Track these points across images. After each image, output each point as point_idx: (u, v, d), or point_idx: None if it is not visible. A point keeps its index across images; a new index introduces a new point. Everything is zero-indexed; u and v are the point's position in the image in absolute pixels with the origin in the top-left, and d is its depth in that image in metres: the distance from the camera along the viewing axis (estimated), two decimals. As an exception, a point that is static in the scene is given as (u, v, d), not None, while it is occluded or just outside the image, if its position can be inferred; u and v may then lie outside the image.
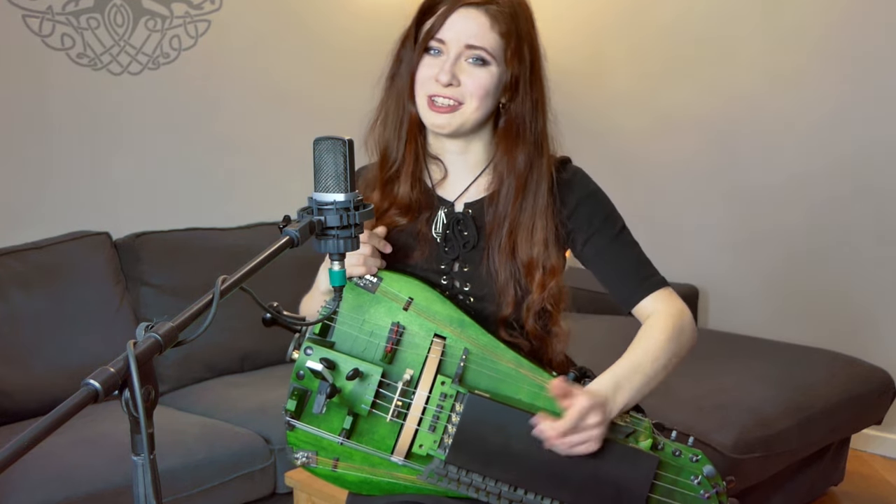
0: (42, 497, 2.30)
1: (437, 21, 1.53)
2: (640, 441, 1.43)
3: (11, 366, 2.79)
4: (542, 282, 1.54)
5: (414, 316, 1.48)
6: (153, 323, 1.04)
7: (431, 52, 1.54)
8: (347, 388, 1.43)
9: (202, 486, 2.54)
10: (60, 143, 3.32)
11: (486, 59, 1.52)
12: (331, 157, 1.28)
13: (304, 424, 1.47)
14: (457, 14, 1.52)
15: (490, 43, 1.52)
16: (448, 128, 1.54)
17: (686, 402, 2.73)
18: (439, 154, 1.63)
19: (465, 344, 1.47)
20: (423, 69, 1.55)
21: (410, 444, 1.45)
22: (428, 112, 1.54)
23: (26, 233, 3.12)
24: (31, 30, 3.22)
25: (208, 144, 3.69)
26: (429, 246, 1.59)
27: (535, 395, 1.47)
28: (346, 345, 1.47)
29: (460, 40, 1.51)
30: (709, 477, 1.45)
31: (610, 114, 4.27)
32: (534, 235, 1.55)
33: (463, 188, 1.62)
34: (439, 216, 1.61)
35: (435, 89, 1.53)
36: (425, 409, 1.44)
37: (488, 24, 1.52)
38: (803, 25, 3.67)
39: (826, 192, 3.67)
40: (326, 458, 1.49)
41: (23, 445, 0.85)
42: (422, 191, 1.61)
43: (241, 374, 3.20)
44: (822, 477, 3.15)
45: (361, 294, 1.48)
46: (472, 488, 1.43)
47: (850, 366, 3.09)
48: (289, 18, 3.87)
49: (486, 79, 1.52)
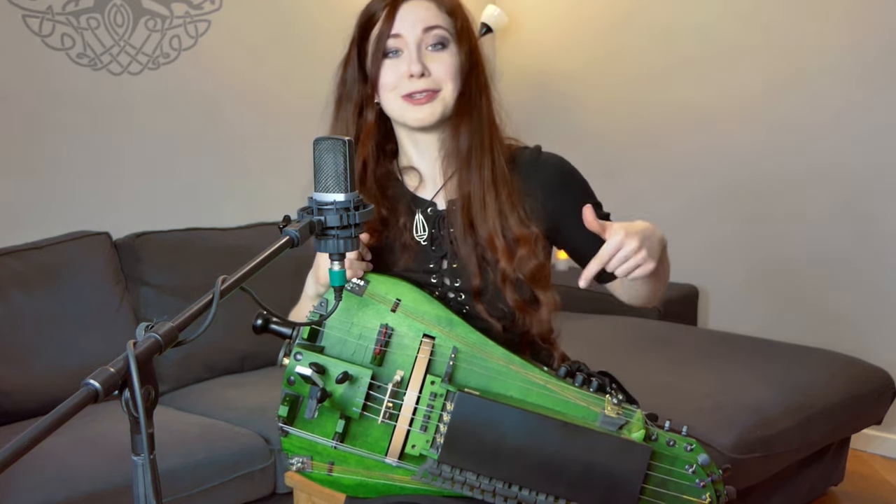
0: (42, 497, 2.30)
1: (385, 22, 1.56)
2: (633, 432, 1.43)
3: (11, 366, 2.79)
4: (506, 250, 1.55)
5: (402, 317, 1.48)
6: (153, 323, 1.03)
7: (390, 55, 1.56)
8: (338, 391, 1.43)
9: (202, 486, 2.54)
10: (60, 144, 3.32)
11: (446, 39, 1.56)
12: (331, 157, 1.28)
13: (298, 430, 1.47)
14: (402, 9, 1.56)
15: (444, 21, 1.56)
16: (432, 117, 1.56)
17: (686, 401, 2.73)
18: (413, 162, 1.64)
19: (454, 343, 1.47)
20: (387, 73, 1.56)
21: (403, 444, 1.45)
22: (409, 109, 1.55)
23: (26, 233, 3.12)
24: (32, 30, 3.22)
25: (208, 144, 3.69)
26: (412, 250, 1.60)
27: (527, 391, 1.47)
28: (336, 349, 1.47)
29: (416, 26, 1.55)
30: (704, 465, 1.45)
31: (607, 113, 4.27)
32: (486, 208, 1.56)
33: (441, 185, 1.63)
34: (417, 219, 1.61)
35: (409, 86, 1.54)
36: (416, 409, 1.44)
37: (434, 6, 1.57)
38: (799, 26, 3.67)
39: (825, 192, 3.67)
40: (322, 463, 1.49)
41: (23, 445, 0.85)
42: (388, 207, 1.61)
43: (241, 375, 3.20)
44: (822, 477, 3.15)
45: (349, 297, 1.48)
46: (467, 486, 1.43)
47: (850, 366, 3.09)
48: (288, 18, 3.87)
49: (451, 60, 1.56)
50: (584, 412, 1.46)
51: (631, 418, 1.45)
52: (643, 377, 2.37)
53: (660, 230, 1.47)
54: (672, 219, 4.16)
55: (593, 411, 1.45)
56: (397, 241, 1.60)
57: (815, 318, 3.73)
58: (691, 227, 4.10)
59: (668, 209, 4.17)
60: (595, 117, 4.26)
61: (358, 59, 1.60)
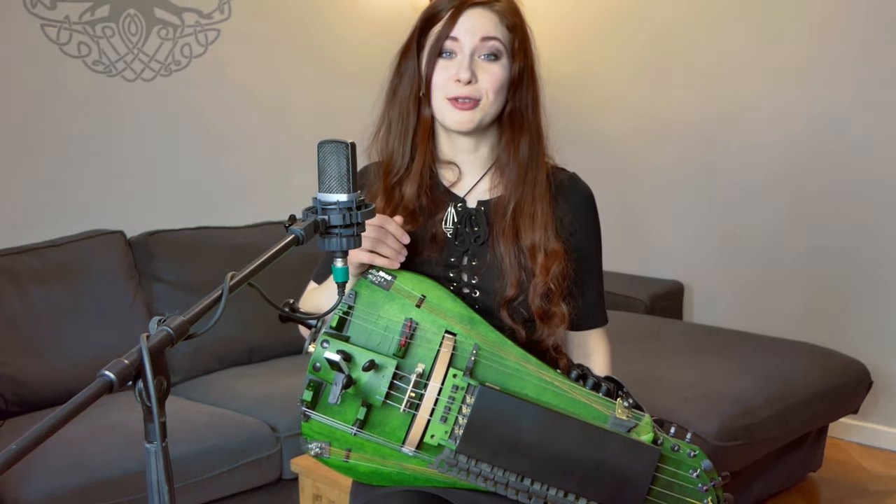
0: (59, 482, 2.31)
1: (446, 24, 1.54)
2: (642, 435, 1.43)
3: (31, 358, 2.80)
4: (545, 264, 1.55)
5: (426, 313, 1.47)
6: (165, 317, 1.03)
7: (444, 56, 1.55)
8: (363, 379, 1.42)
9: (212, 472, 2.54)
10: (77, 147, 3.31)
11: (499, 52, 1.54)
12: (334, 159, 1.28)
13: (320, 415, 1.45)
14: (466, 14, 1.53)
15: (502, 35, 1.54)
16: (470, 123, 1.55)
17: (671, 392, 2.73)
18: (451, 157, 1.63)
19: (475, 340, 1.47)
20: (439, 73, 1.55)
21: (422, 434, 1.44)
22: (451, 111, 1.54)
23: (45, 231, 3.12)
24: (50, 38, 3.22)
25: (218, 147, 3.68)
26: (439, 242, 1.59)
27: (541, 389, 1.47)
28: (361, 339, 1.46)
29: (475, 34, 1.53)
30: (707, 471, 1.45)
31: (598, 118, 4.27)
32: (535, 220, 1.57)
33: (473, 184, 1.63)
34: (449, 212, 1.61)
35: (455, 90, 1.53)
36: (437, 400, 1.43)
37: (496, 19, 1.54)
38: (788, 32, 3.67)
39: (803, 191, 3.68)
40: (339, 449, 1.47)
41: (42, 434, 0.85)
42: (429, 196, 1.61)
43: (249, 366, 3.20)
44: (801, 464, 3.15)
45: (376, 291, 1.47)
46: (481, 478, 1.41)
47: (828, 358, 3.09)
48: (294, 27, 3.87)
49: (500, 73, 1.54)
50: (595, 413, 1.45)
51: (640, 422, 1.46)
52: (631, 369, 2.37)
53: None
54: (658, 218, 4.17)
55: (604, 413, 1.45)
56: (428, 233, 1.60)
57: (794, 313, 3.73)
58: (677, 225, 4.10)
59: (653, 209, 4.17)
60: (584, 121, 4.25)
61: (417, 50, 1.58)
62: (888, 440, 3.56)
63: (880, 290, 3.52)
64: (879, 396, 3.52)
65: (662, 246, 4.15)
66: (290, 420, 2.72)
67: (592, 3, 4.26)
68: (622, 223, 4.17)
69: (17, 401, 2.74)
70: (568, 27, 4.31)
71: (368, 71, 1.74)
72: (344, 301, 1.46)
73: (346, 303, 1.46)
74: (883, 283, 3.51)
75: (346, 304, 1.45)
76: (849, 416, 3.30)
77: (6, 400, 2.71)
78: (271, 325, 3.26)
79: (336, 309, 1.43)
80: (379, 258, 1.47)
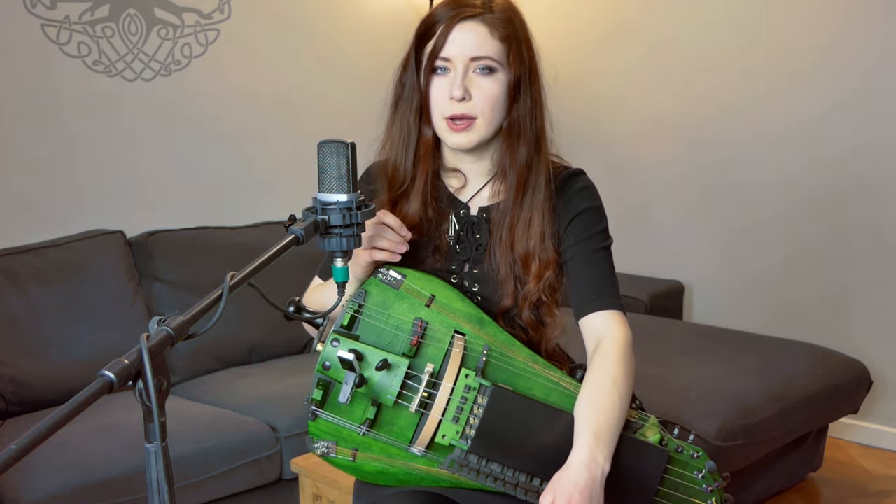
0: (59, 482, 2.30)
1: (438, 41, 1.51)
2: (649, 436, 1.43)
3: (31, 357, 2.79)
4: (538, 273, 1.53)
5: (436, 312, 1.47)
6: (165, 317, 1.04)
7: (439, 72, 1.52)
8: (374, 378, 1.41)
9: (212, 472, 2.54)
10: (77, 147, 3.31)
11: (493, 67, 1.50)
12: (334, 159, 1.28)
13: (328, 414, 1.44)
14: (456, 30, 1.50)
15: (493, 50, 1.50)
16: (469, 144, 1.53)
17: (672, 392, 2.73)
18: (456, 165, 1.62)
19: (485, 340, 1.46)
20: (434, 90, 1.53)
21: (434, 434, 1.43)
22: (449, 133, 1.52)
23: (45, 231, 3.12)
24: (50, 38, 3.22)
25: (218, 147, 3.68)
26: (442, 250, 1.58)
27: (549, 389, 1.47)
28: (371, 337, 1.45)
29: (465, 54, 1.49)
30: (711, 472, 1.46)
31: (599, 118, 4.27)
32: (531, 228, 1.54)
33: (476, 190, 1.61)
34: (451, 219, 1.60)
35: (451, 109, 1.51)
36: (449, 400, 1.43)
37: (487, 32, 1.50)
38: (786, 33, 3.67)
39: (803, 191, 3.68)
40: (346, 449, 1.47)
41: (41, 434, 0.85)
42: (434, 208, 1.59)
43: (249, 366, 3.20)
44: (801, 464, 3.15)
45: (386, 290, 1.47)
46: (491, 478, 1.41)
47: (827, 358, 3.09)
48: (294, 27, 3.87)
49: (495, 88, 1.50)
50: None
51: (646, 423, 1.46)
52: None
53: (596, 469, 1.36)
54: (659, 218, 4.17)
55: None
56: (433, 242, 1.58)
57: (794, 313, 3.73)
58: (678, 225, 4.10)
59: (655, 209, 4.17)
60: (587, 122, 4.25)
61: (416, 65, 1.56)
62: (888, 440, 3.56)
63: (880, 290, 3.52)
64: (879, 396, 3.52)
65: (662, 246, 4.15)
66: (290, 420, 2.72)
67: (595, 5, 4.26)
68: (622, 223, 4.16)
69: (17, 401, 2.73)
70: (570, 28, 4.31)
71: (369, 71, 1.74)
72: (354, 300, 1.46)
73: (356, 301, 1.45)
74: (883, 283, 3.51)
75: (357, 303, 1.44)
76: (849, 416, 3.30)
77: (6, 400, 2.71)
78: (271, 325, 3.29)
79: (346, 308, 1.43)
80: (378, 252, 1.45)
